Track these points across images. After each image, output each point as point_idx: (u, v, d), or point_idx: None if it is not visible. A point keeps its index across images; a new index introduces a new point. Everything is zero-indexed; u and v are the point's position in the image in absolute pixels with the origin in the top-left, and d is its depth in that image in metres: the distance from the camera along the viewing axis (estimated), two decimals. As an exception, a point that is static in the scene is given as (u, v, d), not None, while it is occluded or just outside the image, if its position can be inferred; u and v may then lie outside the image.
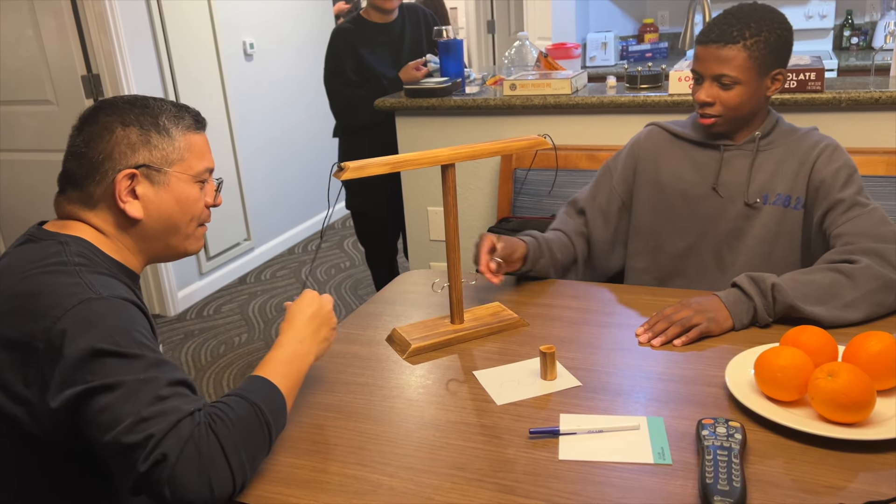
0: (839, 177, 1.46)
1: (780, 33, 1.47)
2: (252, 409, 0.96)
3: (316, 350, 1.14)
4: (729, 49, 1.45)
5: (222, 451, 0.90)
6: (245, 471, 0.92)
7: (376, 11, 2.77)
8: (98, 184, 1.07)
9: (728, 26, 1.46)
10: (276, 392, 1.01)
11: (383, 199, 2.87)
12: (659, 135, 1.66)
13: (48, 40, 3.24)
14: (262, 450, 0.97)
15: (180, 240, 1.14)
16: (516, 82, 2.43)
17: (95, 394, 0.90)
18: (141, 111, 1.09)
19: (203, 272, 3.78)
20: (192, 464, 0.87)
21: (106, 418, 0.88)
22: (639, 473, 0.96)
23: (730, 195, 1.55)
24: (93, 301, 0.95)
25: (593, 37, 4.10)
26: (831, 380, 1.00)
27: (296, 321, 1.13)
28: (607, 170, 1.71)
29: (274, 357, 1.07)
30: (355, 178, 1.23)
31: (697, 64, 1.51)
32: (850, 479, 0.92)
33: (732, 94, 1.47)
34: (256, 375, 1.03)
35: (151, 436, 0.87)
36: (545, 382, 1.19)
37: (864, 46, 3.89)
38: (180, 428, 0.88)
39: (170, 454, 0.86)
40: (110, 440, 0.88)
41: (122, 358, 0.91)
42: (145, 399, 0.89)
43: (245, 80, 4.00)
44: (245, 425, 0.94)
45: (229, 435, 0.91)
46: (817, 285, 1.31)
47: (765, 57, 1.46)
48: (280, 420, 1.00)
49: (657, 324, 1.31)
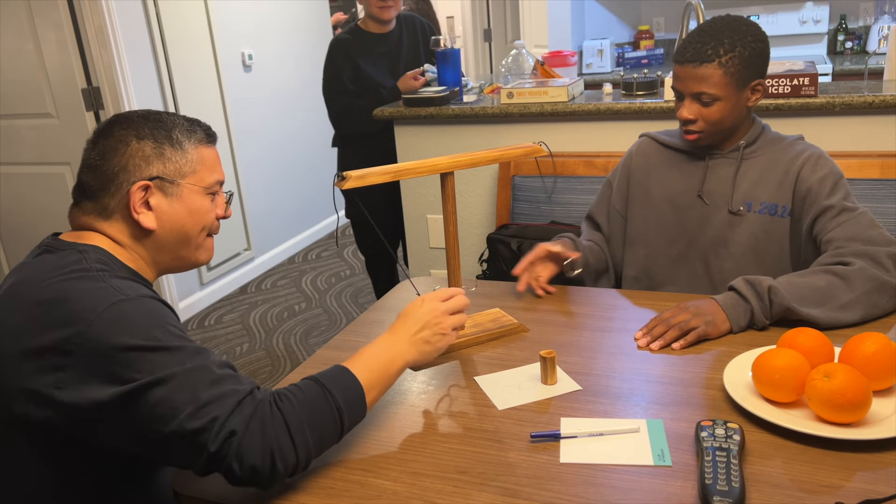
0: (825, 184, 1.47)
1: (755, 46, 1.48)
2: (322, 393, 0.99)
3: (414, 352, 1.13)
4: (705, 68, 1.47)
5: (286, 427, 0.93)
6: (309, 449, 0.96)
7: (374, 22, 2.79)
8: (113, 195, 1.09)
9: (702, 44, 1.47)
10: (353, 382, 1.03)
11: (383, 208, 2.89)
12: (649, 146, 1.70)
13: (48, 54, 3.26)
14: (330, 434, 0.99)
15: (191, 250, 1.16)
16: (513, 90, 2.45)
17: (148, 389, 0.92)
18: (155, 125, 1.11)
19: (204, 282, 3.79)
20: (257, 438, 0.91)
21: (164, 410, 0.91)
22: (639, 475, 0.97)
23: (714, 202, 1.57)
24: (123, 303, 0.97)
25: (589, 44, 4.12)
26: (828, 381, 1.01)
27: (399, 321, 1.16)
28: (608, 185, 1.76)
29: (363, 351, 1.10)
30: (355, 188, 1.24)
31: (676, 82, 1.53)
32: (848, 479, 0.93)
33: (713, 109, 1.49)
34: (338, 365, 1.06)
35: (216, 418, 0.91)
36: (546, 387, 1.20)
37: (859, 51, 3.91)
38: (243, 406, 0.93)
39: (237, 430, 0.91)
40: (174, 429, 0.91)
41: (165, 351, 0.94)
42: (201, 385, 0.93)
43: (244, 91, 4.02)
44: (312, 406, 0.97)
45: (294, 413, 0.95)
46: (813, 288, 1.32)
47: (741, 71, 1.47)
48: (356, 410, 1.02)
49: (655, 328, 1.33)
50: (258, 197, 4.16)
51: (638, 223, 1.68)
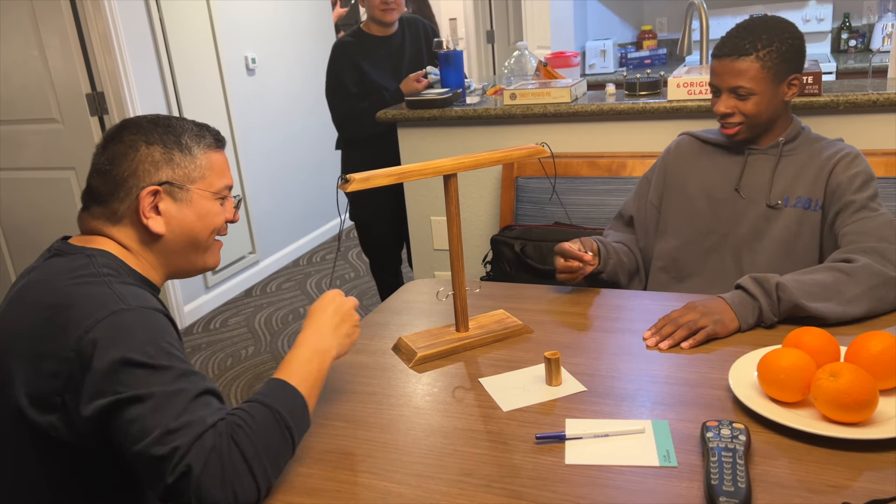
0: (855, 181, 1.50)
1: (792, 42, 1.51)
2: (271, 415, 0.97)
3: (337, 346, 1.14)
4: (742, 61, 1.50)
5: (244, 461, 0.92)
6: (269, 477, 0.94)
7: (376, 24, 2.79)
8: (122, 200, 1.09)
9: (740, 39, 1.51)
10: (295, 394, 1.02)
11: (387, 210, 2.89)
12: (688, 143, 1.73)
13: (53, 59, 3.28)
14: (284, 454, 0.98)
15: (200, 255, 1.17)
16: (516, 92, 2.45)
17: (126, 405, 0.92)
18: (164, 130, 1.12)
19: (209, 286, 3.80)
20: (216, 474, 0.89)
21: (136, 429, 0.91)
22: (644, 476, 0.97)
23: (752, 197, 1.59)
24: (123, 312, 0.97)
25: (592, 45, 4.12)
26: (834, 380, 1.00)
27: (315, 318, 1.15)
28: (646, 181, 1.78)
29: (293, 357, 1.08)
30: (359, 190, 1.24)
31: (714, 78, 1.56)
32: (854, 478, 0.93)
33: (750, 103, 1.52)
34: (275, 378, 1.04)
35: (177, 448, 0.89)
36: (551, 388, 1.20)
37: (863, 49, 3.90)
38: (204, 440, 0.90)
39: (194, 466, 0.89)
40: (139, 451, 0.90)
41: (151, 369, 0.94)
42: (173, 411, 0.92)
43: (247, 95, 4.03)
44: (265, 432, 0.95)
45: (250, 444, 0.93)
46: (819, 283, 1.32)
47: (778, 66, 1.50)
48: (301, 422, 1.02)
49: (664, 327, 1.32)
50: (262, 200, 4.17)
51: (672, 214, 1.70)
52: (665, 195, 1.72)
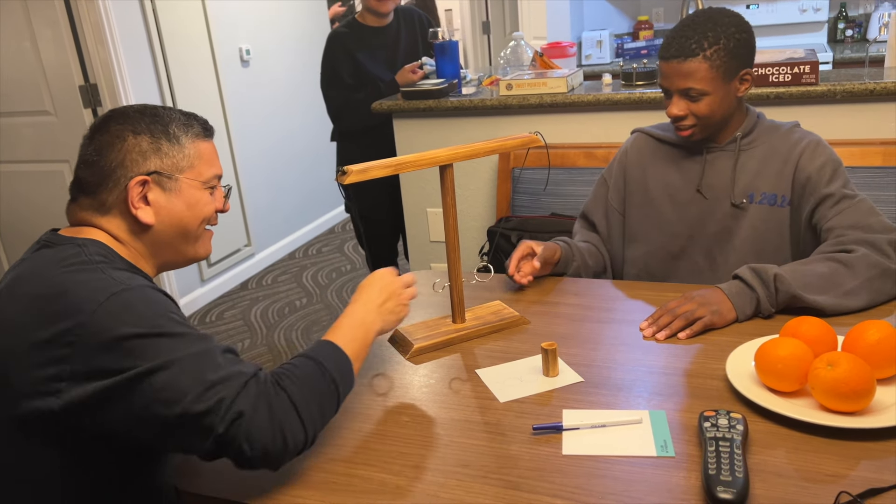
0: (824, 172, 1.46)
1: (739, 37, 1.45)
2: (318, 368, 1.01)
3: (381, 321, 1.17)
4: (690, 63, 1.44)
5: (293, 405, 0.95)
6: (316, 424, 0.98)
7: (371, 15, 2.78)
8: (110, 191, 1.09)
9: (685, 39, 1.44)
10: (341, 354, 1.06)
11: (383, 202, 2.88)
12: (644, 142, 1.67)
13: (45, 51, 3.25)
14: (330, 406, 1.02)
15: (190, 244, 1.16)
16: (512, 82, 2.44)
17: (152, 374, 0.92)
18: (151, 119, 1.11)
19: (204, 279, 3.79)
20: (265, 418, 0.93)
21: (169, 394, 0.92)
22: (642, 466, 0.97)
23: (715, 196, 1.55)
24: (123, 292, 0.97)
25: (588, 35, 4.11)
26: (831, 369, 1.00)
27: (363, 292, 1.19)
28: (603, 183, 1.73)
29: (340, 323, 1.12)
30: (354, 182, 1.24)
31: (663, 80, 1.50)
32: (852, 468, 0.93)
33: (702, 104, 1.47)
34: (323, 339, 1.08)
35: (223, 399, 0.91)
36: (547, 379, 1.20)
37: (859, 38, 3.89)
38: (248, 388, 0.94)
39: (245, 411, 0.91)
40: (180, 412, 0.91)
41: (168, 337, 0.95)
42: (206, 369, 0.94)
43: (242, 86, 4.01)
44: (312, 382, 0.99)
45: (297, 390, 0.97)
46: (817, 275, 1.32)
47: (727, 63, 1.44)
48: (347, 380, 1.05)
49: (661, 317, 1.32)
50: (258, 192, 4.16)
51: (637, 221, 1.66)
52: (628, 200, 1.67)
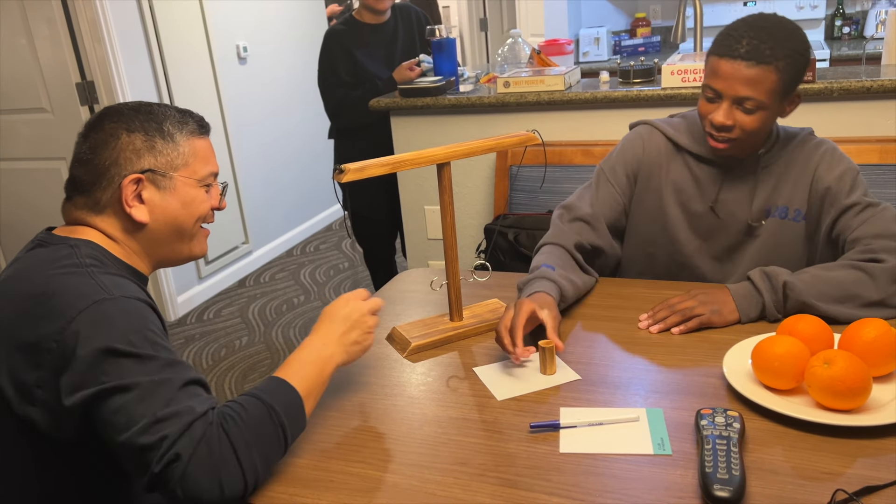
0: (844, 182, 1.39)
1: (806, 55, 1.34)
2: (266, 410, 0.96)
3: (343, 353, 1.11)
4: (761, 69, 1.29)
5: (233, 452, 0.91)
6: (257, 471, 0.93)
7: (369, 12, 2.77)
8: (105, 189, 1.08)
9: (759, 42, 1.29)
10: (292, 393, 1.01)
11: (380, 200, 2.88)
12: (660, 141, 1.55)
13: (42, 48, 3.24)
14: (275, 452, 0.97)
15: (185, 243, 1.15)
16: (510, 80, 2.44)
17: (110, 394, 0.91)
18: (146, 117, 1.10)
19: (202, 276, 3.79)
20: (204, 464, 0.88)
21: (121, 419, 0.90)
22: (639, 464, 0.97)
23: (730, 214, 1.48)
24: (106, 302, 0.96)
25: (586, 32, 4.10)
26: (827, 367, 1.01)
27: (323, 324, 1.13)
28: (603, 174, 1.58)
29: (295, 358, 1.07)
30: (353, 180, 1.23)
31: (717, 80, 1.34)
32: (848, 465, 0.93)
33: (754, 118, 1.34)
34: (274, 376, 1.03)
35: (165, 437, 0.88)
36: (544, 377, 1.20)
37: (856, 36, 3.89)
38: (193, 429, 0.90)
39: (182, 454, 0.88)
40: (125, 440, 0.90)
41: (136, 358, 0.93)
42: (160, 400, 0.91)
43: (239, 84, 4.00)
44: (258, 426, 0.94)
45: (241, 435, 0.92)
46: (836, 283, 1.27)
47: (792, 79, 1.33)
48: (297, 422, 1.00)
49: (659, 312, 1.32)
50: (255, 190, 4.15)
51: (644, 223, 1.57)
52: (636, 200, 1.56)
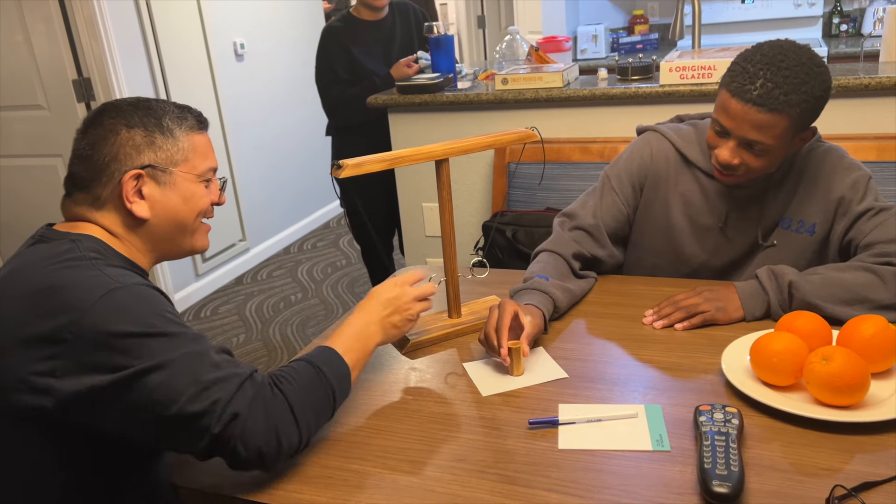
0: (857, 189, 1.36)
1: (825, 97, 1.28)
2: (316, 373, 1.02)
3: (382, 334, 1.16)
4: (771, 116, 1.24)
5: (289, 407, 0.96)
6: (311, 427, 0.99)
7: (366, 9, 2.77)
8: (104, 185, 1.08)
9: (775, 87, 1.23)
10: (340, 360, 1.07)
11: (378, 197, 2.88)
12: (670, 152, 1.51)
13: (38, 45, 3.23)
14: (325, 411, 1.02)
15: (187, 237, 1.16)
16: (508, 76, 2.43)
17: (145, 374, 0.92)
18: (145, 113, 1.10)
19: (199, 273, 3.78)
20: (261, 419, 0.93)
21: (163, 395, 0.92)
22: (638, 460, 0.97)
23: (739, 231, 1.46)
24: (118, 290, 0.96)
25: (584, 29, 4.10)
26: (826, 364, 1.01)
27: (370, 302, 1.18)
28: (608, 182, 1.55)
29: (342, 331, 1.13)
30: (350, 177, 1.23)
31: (726, 118, 1.29)
32: (847, 461, 0.93)
33: (762, 159, 1.30)
34: (322, 346, 1.09)
35: (218, 399, 0.92)
36: (532, 374, 1.19)
37: (854, 33, 3.90)
38: (244, 389, 0.94)
39: (241, 412, 0.92)
40: (174, 413, 0.91)
41: (163, 337, 0.95)
42: (201, 370, 0.94)
43: (237, 81, 4.00)
44: (309, 386, 1.00)
45: (294, 393, 0.97)
46: (846, 285, 1.26)
47: (805, 122, 1.29)
48: (344, 386, 1.06)
49: (664, 307, 1.32)
50: (253, 187, 4.14)
51: (647, 230, 1.54)
52: (644, 204, 1.53)
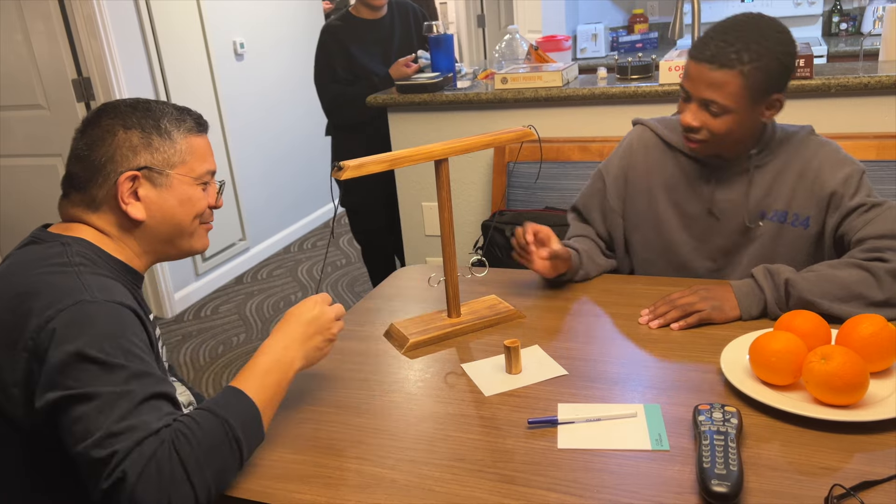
0: (850, 184, 1.36)
1: (783, 59, 1.31)
2: (220, 425, 0.93)
3: (303, 359, 1.08)
4: (723, 73, 1.29)
5: (184, 471, 0.88)
6: (209, 490, 0.90)
7: (366, 8, 2.76)
8: (101, 186, 1.08)
9: (726, 45, 1.29)
10: (249, 405, 0.97)
11: (378, 196, 2.88)
12: (649, 140, 1.55)
13: (38, 44, 3.23)
14: (230, 467, 0.94)
15: (184, 239, 1.15)
16: (507, 76, 2.43)
17: (73, 402, 0.90)
18: (143, 114, 1.10)
19: (199, 273, 3.78)
20: (152, 484, 0.86)
21: (79, 429, 0.89)
22: (637, 460, 0.97)
23: (726, 215, 1.46)
24: (86, 304, 0.95)
25: (583, 28, 4.10)
26: (825, 363, 1.01)
27: (288, 325, 1.09)
28: (600, 178, 1.60)
29: (253, 365, 1.03)
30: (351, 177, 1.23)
31: (686, 81, 1.36)
32: (846, 461, 0.93)
33: (720, 121, 1.33)
34: (230, 387, 1.00)
35: (116, 452, 0.86)
36: (532, 372, 1.19)
37: (853, 32, 3.90)
38: (144, 446, 0.87)
39: (129, 474, 0.85)
40: (81, 451, 0.88)
41: (103, 366, 0.91)
42: (117, 414, 0.89)
43: (236, 81, 3.99)
44: (211, 442, 0.91)
45: (192, 454, 0.89)
46: (840, 282, 1.26)
47: (762, 84, 1.31)
48: (254, 435, 0.97)
49: (660, 307, 1.32)
50: (252, 186, 4.14)
51: (638, 227, 1.56)
52: (629, 203, 1.56)
